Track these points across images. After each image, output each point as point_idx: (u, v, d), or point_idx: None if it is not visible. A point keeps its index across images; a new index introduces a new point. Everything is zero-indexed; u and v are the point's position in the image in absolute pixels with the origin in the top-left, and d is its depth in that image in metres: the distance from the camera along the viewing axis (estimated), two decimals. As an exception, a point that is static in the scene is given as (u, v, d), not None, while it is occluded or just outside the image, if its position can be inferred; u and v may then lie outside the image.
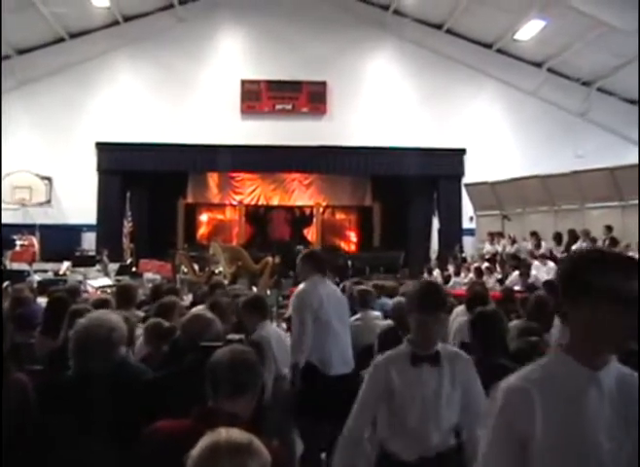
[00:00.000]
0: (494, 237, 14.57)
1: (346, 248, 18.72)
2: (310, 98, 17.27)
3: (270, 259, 10.26)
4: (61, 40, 16.34)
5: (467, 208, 16.91)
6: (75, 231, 16.42)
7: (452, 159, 17.31)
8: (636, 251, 10.48)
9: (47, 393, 2.83)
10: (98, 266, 13.76)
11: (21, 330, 4.73)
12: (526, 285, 10.50)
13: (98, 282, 11.06)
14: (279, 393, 4.31)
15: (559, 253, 12.48)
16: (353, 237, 19.17)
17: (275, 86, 17.15)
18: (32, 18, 14.88)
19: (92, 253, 15.29)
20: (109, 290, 8.88)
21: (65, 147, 16.36)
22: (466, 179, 16.94)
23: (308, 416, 4.44)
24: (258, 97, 17.21)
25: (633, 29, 12.80)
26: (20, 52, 16.21)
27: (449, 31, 17.04)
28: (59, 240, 15.39)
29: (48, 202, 16.19)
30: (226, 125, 16.77)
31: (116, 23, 16.50)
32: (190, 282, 10.64)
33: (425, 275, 14.23)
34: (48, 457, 2.59)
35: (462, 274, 13.31)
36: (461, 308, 5.48)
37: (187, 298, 7.47)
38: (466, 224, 17.17)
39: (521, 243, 13.70)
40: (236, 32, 17.30)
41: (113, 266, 13.80)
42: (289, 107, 17.27)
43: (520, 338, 4.65)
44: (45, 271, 13.00)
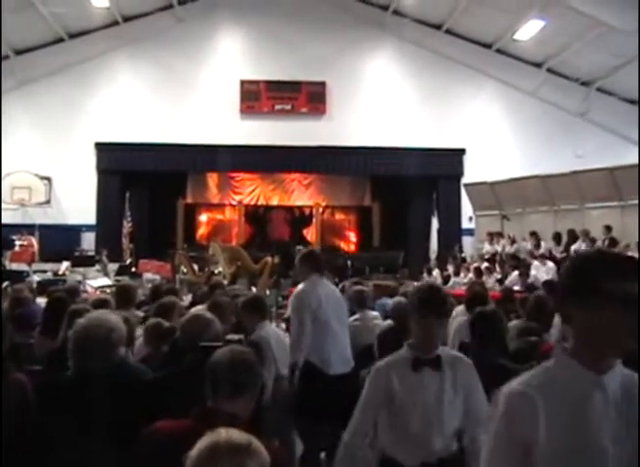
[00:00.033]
0: (494, 237, 14.57)
1: (346, 248, 18.70)
2: (310, 98, 17.27)
3: (270, 259, 10.24)
4: (61, 40, 16.34)
5: (466, 208, 16.90)
6: (74, 231, 16.41)
7: (452, 159, 17.31)
8: (636, 251, 10.48)
9: (46, 393, 2.83)
10: (98, 266, 13.75)
11: (21, 330, 4.73)
12: (526, 285, 10.50)
13: (98, 282, 11.05)
14: (279, 393, 4.30)
15: (559, 253, 12.48)
16: (353, 237, 19.16)
17: (275, 86, 17.15)
18: (32, 19, 14.88)
19: (92, 253, 15.28)
20: (108, 290, 8.88)
21: (65, 147, 16.35)
22: (465, 179, 16.94)
23: (308, 417, 4.43)
24: (257, 97, 17.21)
25: (633, 29, 12.81)
26: (20, 52, 16.19)
27: (449, 31, 17.04)
28: (59, 240, 15.38)
29: (47, 202, 16.18)
30: (225, 125, 16.76)
31: (115, 24, 16.50)
32: (189, 282, 10.64)
33: (425, 275, 14.23)
34: (47, 458, 2.59)
35: (461, 274, 13.32)
36: (461, 308, 5.48)
37: (186, 298, 7.47)
38: (465, 224, 17.17)
39: (521, 243, 13.70)
40: (236, 32, 17.30)
41: (112, 266, 13.79)
42: (288, 107, 17.26)
43: (520, 338, 4.65)
44: (44, 272, 12.98)
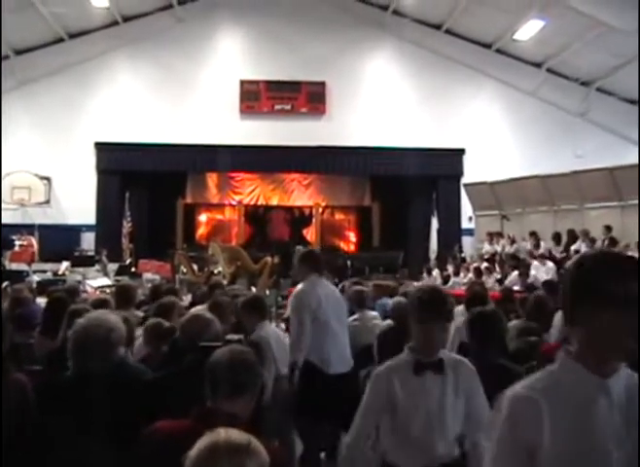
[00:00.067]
0: (493, 237, 14.56)
1: (346, 248, 18.70)
2: (309, 98, 17.26)
3: (270, 259, 10.24)
4: (61, 40, 16.33)
5: (466, 208, 16.90)
6: (74, 231, 16.40)
7: (451, 159, 17.31)
8: (635, 251, 10.47)
9: (46, 393, 2.83)
10: (97, 266, 13.74)
11: (21, 330, 4.73)
12: (525, 285, 10.51)
13: (97, 282, 11.05)
14: (279, 393, 4.30)
15: (558, 253, 12.48)
16: (352, 237, 19.15)
17: (274, 86, 17.15)
18: (32, 19, 14.87)
19: (92, 253, 15.28)
20: (108, 290, 8.87)
21: (64, 147, 16.34)
22: (465, 179, 16.93)
23: (308, 416, 4.44)
24: (257, 97, 17.20)
25: (632, 29, 12.81)
26: (20, 52, 16.18)
27: (449, 31, 17.04)
28: (58, 240, 15.37)
29: (47, 202, 16.17)
30: (225, 125, 16.76)
31: (115, 24, 16.50)
32: (189, 282, 10.64)
33: (424, 275, 14.24)
34: (47, 458, 2.59)
35: (461, 274, 13.31)
36: (460, 309, 5.47)
37: (186, 298, 7.48)
38: (465, 224, 17.16)
39: (521, 243, 13.69)
40: (235, 32, 17.30)
41: (112, 266, 13.78)
42: (288, 107, 17.26)
43: (520, 338, 4.66)
44: (44, 272, 12.98)
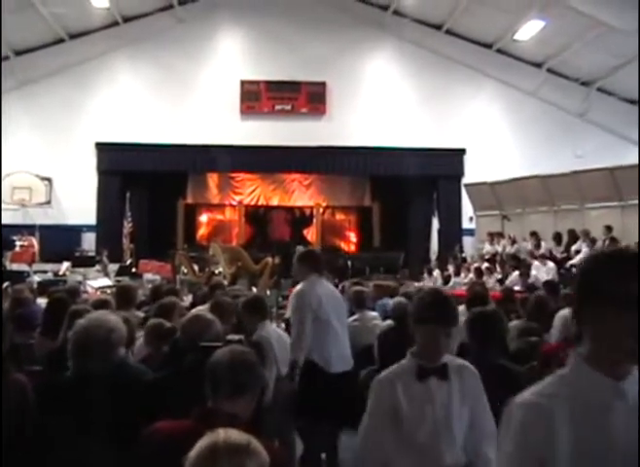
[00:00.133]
0: (494, 238, 14.56)
1: (346, 248, 18.70)
2: (310, 99, 17.26)
3: (270, 259, 10.24)
4: (61, 41, 16.33)
5: (467, 208, 16.89)
6: (75, 231, 16.41)
7: (452, 159, 17.30)
8: (635, 251, 10.47)
9: (46, 394, 2.83)
10: (98, 266, 13.74)
11: (21, 330, 4.73)
12: (526, 285, 10.51)
13: (98, 283, 11.04)
14: (279, 394, 4.30)
15: (559, 253, 12.49)
16: (353, 238, 19.15)
17: (275, 86, 17.15)
18: (32, 19, 14.88)
19: (92, 253, 15.29)
20: (109, 291, 8.86)
21: (65, 147, 16.35)
22: (466, 179, 16.93)
23: (308, 416, 4.43)
24: (257, 98, 17.20)
25: (632, 29, 12.80)
26: (20, 52, 16.18)
27: (449, 31, 17.04)
28: (59, 241, 15.37)
29: (47, 203, 16.18)
30: (225, 125, 16.76)
31: (115, 24, 16.50)
32: (190, 283, 10.62)
33: (425, 276, 14.25)
34: (47, 458, 2.59)
35: (462, 275, 13.31)
36: (461, 309, 5.46)
37: (187, 298, 7.47)
38: (466, 224, 17.16)
39: (521, 243, 13.69)
40: (236, 33, 17.30)
41: (113, 266, 13.79)
42: (288, 107, 17.26)
43: (520, 338, 4.66)
44: (44, 272, 12.99)
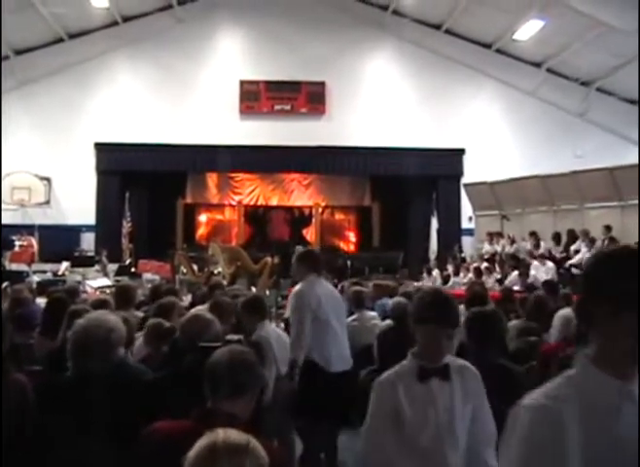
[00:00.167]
0: (493, 237, 14.56)
1: (345, 248, 18.70)
2: (309, 99, 17.26)
3: (269, 259, 10.24)
4: (61, 40, 16.33)
5: (466, 208, 16.89)
6: (74, 231, 16.40)
7: (451, 159, 17.30)
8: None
9: (46, 394, 2.83)
10: (97, 266, 13.74)
11: (21, 330, 4.73)
12: (525, 285, 10.53)
13: (97, 283, 11.03)
14: (279, 393, 4.30)
15: (558, 253, 12.49)
16: (352, 238, 19.15)
17: (274, 86, 17.14)
18: (32, 19, 14.87)
19: (91, 253, 15.29)
20: (108, 290, 8.86)
21: (64, 147, 16.34)
22: (465, 179, 16.92)
23: (308, 416, 4.44)
24: (257, 98, 17.20)
25: (632, 29, 12.80)
26: (20, 52, 16.18)
27: (448, 31, 17.04)
28: (58, 241, 15.36)
29: (47, 203, 16.18)
30: (225, 125, 16.76)
31: (115, 24, 16.50)
32: (189, 283, 10.62)
33: (424, 276, 14.25)
34: (47, 458, 2.59)
35: (461, 274, 13.32)
36: (460, 309, 5.47)
37: (186, 298, 7.47)
38: (465, 224, 17.16)
39: (520, 243, 13.69)
40: (235, 33, 17.30)
41: (112, 266, 13.78)
42: (288, 107, 17.26)
43: (520, 338, 4.67)
44: (44, 272, 12.98)
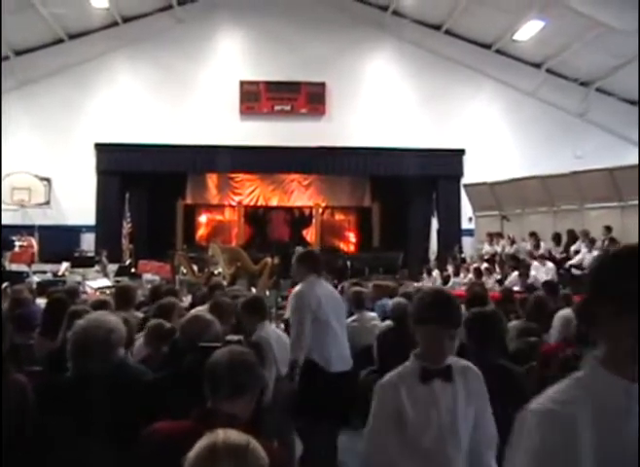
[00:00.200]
0: (493, 238, 14.56)
1: (345, 249, 18.70)
2: (309, 99, 17.26)
3: (270, 260, 10.24)
4: (60, 41, 16.33)
5: (466, 209, 16.89)
6: (74, 231, 16.40)
7: (451, 159, 17.30)
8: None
9: (46, 394, 2.83)
10: (97, 267, 13.73)
11: (20, 331, 4.73)
12: (525, 286, 10.53)
13: (97, 283, 11.02)
14: (279, 394, 4.30)
15: (558, 254, 12.49)
16: (352, 238, 19.15)
17: (274, 86, 17.14)
18: (31, 19, 14.87)
19: (91, 254, 15.27)
20: (108, 291, 8.86)
21: (64, 148, 16.34)
22: (465, 180, 16.92)
23: (308, 417, 4.44)
24: (257, 98, 17.20)
25: (632, 29, 12.80)
26: (20, 52, 16.17)
27: (448, 32, 17.04)
28: (58, 241, 15.35)
29: (47, 203, 16.18)
30: (225, 125, 16.76)
31: (115, 24, 16.50)
32: (189, 283, 10.62)
33: (424, 276, 14.25)
34: (47, 458, 2.59)
35: (461, 275, 13.32)
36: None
37: (186, 299, 7.47)
38: (465, 224, 17.16)
39: (520, 244, 13.69)
40: (235, 33, 17.31)
41: (112, 267, 13.77)
42: (288, 108, 17.26)
43: (520, 338, 4.66)
44: (44, 272, 12.97)
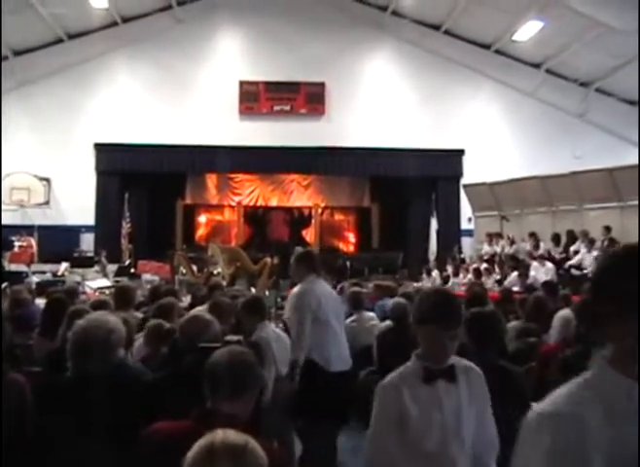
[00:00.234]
0: (493, 238, 14.55)
1: (345, 249, 18.70)
2: (308, 99, 17.26)
3: (269, 260, 10.25)
4: (60, 41, 16.33)
5: (465, 209, 16.89)
6: (73, 232, 16.40)
7: (451, 159, 17.31)
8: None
9: (45, 394, 2.83)
10: (97, 267, 13.72)
11: (20, 331, 4.72)
12: (525, 286, 10.53)
13: (97, 283, 11.02)
14: (278, 394, 4.30)
15: (558, 254, 12.50)
16: (352, 238, 19.16)
17: (273, 87, 17.15)
18: (31, 19, 14.87)
19: (91, 254, 15.27)
20: (107, 291, 8.86)
21: (64, 148, 16.34)
22: (464, 180, 16.93)
23: (307, 417, 4.44)
24: (256, 98, 17.20)
25: (632, 30, 12.81)
26: (19, 53, 16.17)
27: (448, 32, 17.05)
28: (58, 241, 15.33)
29: (46, 203, 16.17)
30: (224, 126, 16.76)
31: (114, 24, 16.50)
32: (188, 283, 10.62)
33: (424, 276, 14.25)
34: (47, 458, 2.59)
35: (461, 275, 13.32)
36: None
37: (185, 299, 7.46)
38: (464, 225, 17.16)
39: (520, 244, 13.69)
40: (235, 33, 17.30)
41: (111, 267, 13.77)
42: (287, 108, 17.26)
43: (519, 338, 4.67)
44: (43, 272, 12.96)
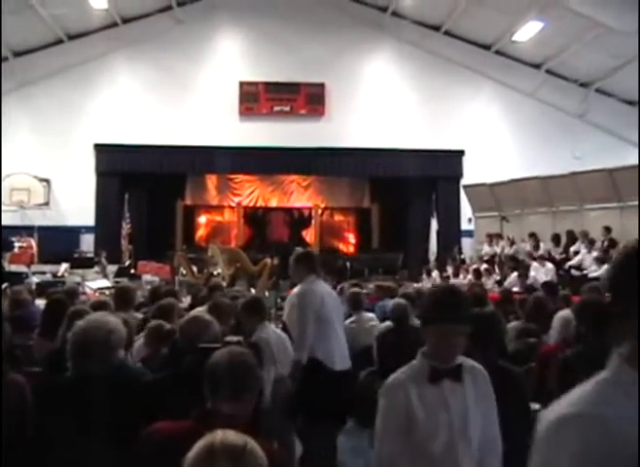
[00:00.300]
0: (493, 239, 14.56)
1: (345, 250, 18.71)
2: (308, 100, 17.26)
3: (269, 260, 10.25)
4: (60, 42, 16.33)
5: (465, 210, 16.90)
6: (73, 232, 16.40)
7: (451, 160, 17.31)
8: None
9: (45, 395, 2.83)
10: (97, 267, 13.72)
11: (20, 332, 4.71)
12: (525, 286, 10.54)
13: (97, 284, 11.01)
14: (278, 395, 4.30)
15: (558, 254, 12.50)
16: (352, 239, 19.16)
17: (273, 87, 17.15)
18: (31, 20, 14.86)
19: (91, 255, 15.26)
20: (107, 292, 8.86)
21: (64, 149, 16.34)
22: (464, 180, 16.93)
23: (307, 418, 4.44)
24: (256, 99, 17.20)
25: (632, 30, 12.80)
26: (19, 53, 16.17)
27: (448, 33, 17.05)
28: (58, 242, 15.33)
29: (46, 204, 16.16)
30: (224, 126, 16.76)
31: (114, 25, 16.50)
32: (188, 284, 10.61)
33: (424, 277, 14.25)
34: (47, 458, 2.59)
35: (461, 276, 13.33)
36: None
37: (185, 299, 7.46)
38: (465, 225, 17.16)
39: (520, 245, 13.70)
40: (235, 34, 17.31)
41: (111, 267, 13.77)
42: (287, 109, 17.26)
43: (519, 339, 4.66)
44: (43, 273, 12.96)
